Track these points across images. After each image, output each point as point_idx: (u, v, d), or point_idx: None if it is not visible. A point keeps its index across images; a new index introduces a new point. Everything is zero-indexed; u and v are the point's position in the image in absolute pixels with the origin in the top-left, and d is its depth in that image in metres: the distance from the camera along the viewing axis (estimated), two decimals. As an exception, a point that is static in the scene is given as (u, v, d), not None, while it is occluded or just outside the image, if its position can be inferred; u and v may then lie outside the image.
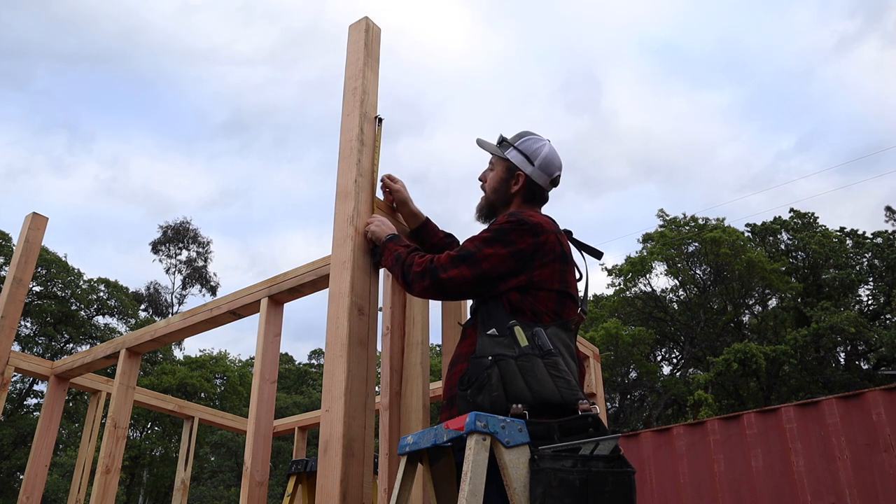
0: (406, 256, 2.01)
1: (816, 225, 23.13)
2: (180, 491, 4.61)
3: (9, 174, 45.84)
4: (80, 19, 51.93)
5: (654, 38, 61.24)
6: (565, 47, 62.32)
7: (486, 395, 1.65)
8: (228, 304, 3.11)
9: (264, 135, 56.66)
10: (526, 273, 1.85)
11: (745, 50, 54.58)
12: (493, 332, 1.78)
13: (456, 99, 70.95)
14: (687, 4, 62.64)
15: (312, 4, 63.81)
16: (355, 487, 1.91)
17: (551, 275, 1.86)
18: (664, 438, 6.81)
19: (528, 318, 1.80)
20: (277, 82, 57.47)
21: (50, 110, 51.36)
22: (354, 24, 2.59)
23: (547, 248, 1.87)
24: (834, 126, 55.91)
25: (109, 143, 52.29)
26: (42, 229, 3.94)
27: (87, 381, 4.24)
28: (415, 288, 1.94)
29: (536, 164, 2.06)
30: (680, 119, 52.19)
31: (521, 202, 2.08)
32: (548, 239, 1.88)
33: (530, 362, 1.68)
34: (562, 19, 62.47)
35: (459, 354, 1.92)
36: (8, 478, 20.71)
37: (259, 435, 2.71)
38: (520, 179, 2.06)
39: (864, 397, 5.83)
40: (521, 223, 1.88)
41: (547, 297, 1.84)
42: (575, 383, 1.71)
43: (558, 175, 2.11)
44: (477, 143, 2.20)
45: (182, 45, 53.63)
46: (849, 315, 18.09)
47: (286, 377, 30.29)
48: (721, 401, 19.31)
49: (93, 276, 24.76)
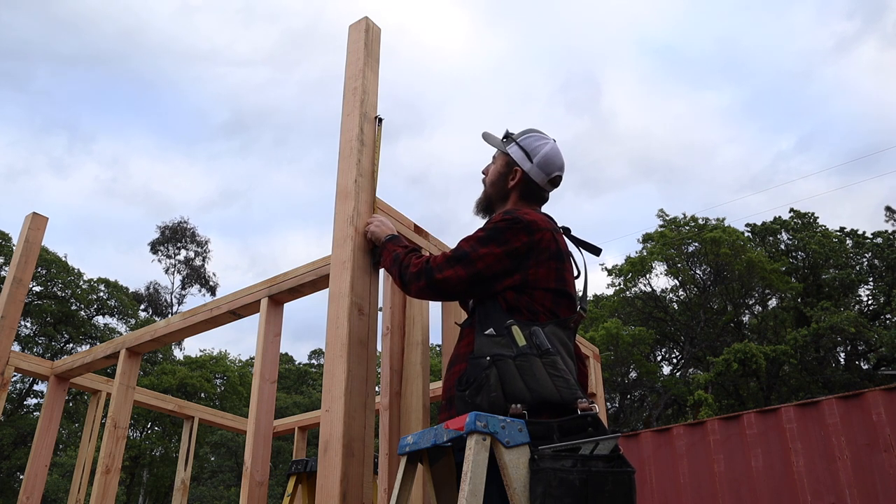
0: (403, 257, 2.01)
1: (816, 225, 23.12)
2: (180, 491, 4.61)
3: (9, 175, 45.93)
4: (80, 20, 52.08)
5: (654, 38, 61.39)
6: (565, 48, 62.42)
7: (485, 396, 1.65)
8: (228, 304, 3.11)
9: (264, 135, 56.78)
10: (521, 272, 1.84)
11: (743, 51, 54.71)
12: (490, 331, 1.78)
13: (456, 99, 70.98)
14: (685, 5, 62.73)
15: (312, 5, 63.95)
16: (355, 487, 1.91)
17: (547, 273, 1.86)
18: (664, 438, 6.81)
19: (525, 316, 1.80)
20: (277, 83, 57.53)
21: (50, 111, 51.50)
22: (354, 24, 2.59)
23: (542, 247, 1.87)
24: (833, 126, 56.02)
25: (109, 143, 52.39)
26: (42, 229, 3.94)
27: (87, 381, 4.24)
28: (411, 288, 1.94)
29: (535, 162, 2.05)
30: (679, 120, 52.27)
31: (517, 199, 2.08)
32: (543, 237, 1.88)
33: (528, 362, 1.68)
34: (561, 20, 62.56)
35: (458, 354, 1.92)
36: (8, 478, 20.71)
37: (259, 435, 2.71)
38: (517, 175, 2.07)
39: (864, 397, 5.83)
40: (516, 221, 1.88)
41: (543, 296, 1.84)
42: (574, 382, 1.71)
43: (558, 175, 2.10)
44: (482, 136, 2.21)
45: (182, 45, 53.71)
46: (849, 315, 18.08)
47: (286, 377, 30.28)
48: (721, 401, 19.31)
49: (93, 276, 24.79)
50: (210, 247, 34.27)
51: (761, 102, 55.78)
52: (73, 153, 51.50)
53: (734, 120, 57.05)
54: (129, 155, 51.31)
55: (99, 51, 50.17)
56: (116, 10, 50.44)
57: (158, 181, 50.70)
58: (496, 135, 2.18)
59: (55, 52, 48.84)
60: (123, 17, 50.10)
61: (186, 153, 58.03)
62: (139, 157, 51.58)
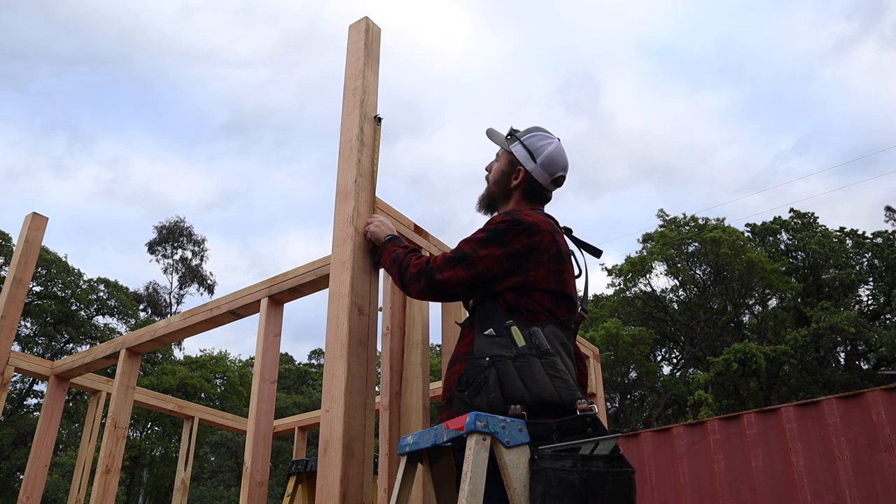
0: (403, 258, 2.01)
1: (816, 225, 23.12)
2: (180, 491, 4.61)
3: (10, 175, 46.02)
4: (80, 21, 52.24)
5: (653, 39, 61.44)
6: (564, 48, 62.45)
7: (484, 397, 1.65)
8: (228, 304, 3.11)
9: (264, 136, 56.84)
10: (521, 274, 1.84)
11: (742, 52, 54.73)
12: (490, 332, 1.78)
13: (455, 100, 71.04)
14: (685, 6, 62.78)
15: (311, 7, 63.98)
16: (355, 487, 1.91)
17: (546, 275, 1.86)
18: (664, 438, 6.81)
19: (525, 317, 1.80)
20: (277, 84, 57.56)
21: (50, 111, 51.58)
22: (354, 24, 2.58)
23: (542, 248, 1.87)
24: (832, 127, 56.08)
25: (109, 144, 52.45)
26: (42, 229, 3.93)
27: (87, 381, 4.24)
28: (411, 289, 1.94)
29: (539, 162, 2.05)
30: (679, 120, 52.33)
31: (520, 198, 2.08)
32: (543, 239, 1.88)
33: (528, 363, 1.68)
34: (560, 21, 62.60)
35: (458, 354, 1.92)
36: (8, 478, 20.71)
37: (259, 435, 2.71)
38: (520, 175, 2.06)
39: (864, 397, 5.83)
40: (517, 223, 1.87)
41: (542, 297, 1.84)
42: (573, 383, 1.70)
43: (561, 175, 2.09)
44: (486, 133, 2.21)
45: (182, 46, 53.79)
46: (849, 315, 18.08)
47: (286, 377, 30.28)
48: (721, 401, 19.30)
49: (93, 276, 24.79)
50: (207, 245, 34.30)
51: (760, 103, 55.87)
52: (73, 154, 51.69)
53: (733, 121, 57.14)
54: (129, 156, 51.49)
55: (99, 51, 50.39)
56: (116, 11, 50.69)
57: (158, 181, 50.82)
58: (501, 132, 2.18)
59: (55, 53, 49.08)
60: (123, 18, 50.35)
61: (186, 154, 58.15)
62: (139, 158, 51.75)
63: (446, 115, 69.53)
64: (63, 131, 52.24)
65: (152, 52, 51.00)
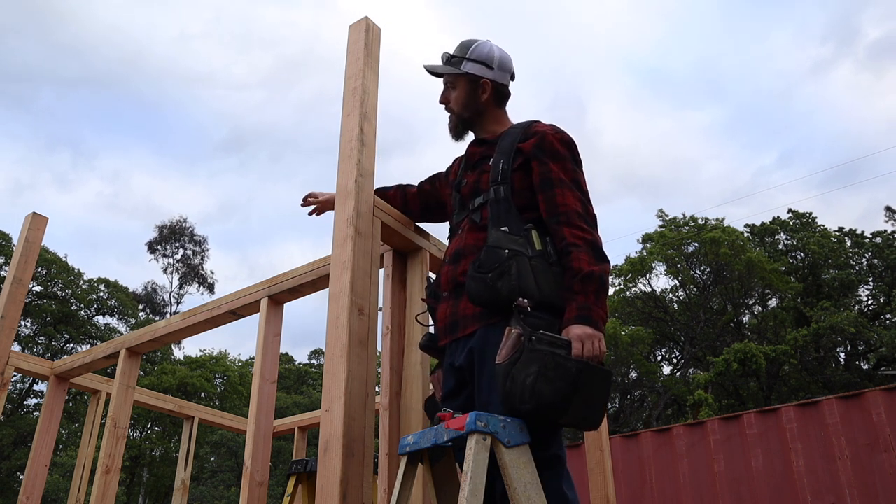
0: (601, 276, 1.79)
1: (815, 225, 23.13)
2: (180, 491, 4.61)
3: (16, 189, 46.96)
4: (82, 46, 53.56)
5: (638, 61, 62.26)
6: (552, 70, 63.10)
7: (507, 283, 1.73)
8: (228, 304, 3.11)
9: (261, 152, 57.58)
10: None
11: (724, 72, 55.72)
12: (506, 229, 1.84)
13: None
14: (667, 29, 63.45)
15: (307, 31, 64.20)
16: (355, 487, 1.90)
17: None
18: (664, 438, 6.80)
19: (539, 227, 1.88)
20: (274, 103, 58.28)
21: (54, 129, 52.61)
22: (354, 24, 2.58)
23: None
24: (813, 143, 57.09)
25: (111, 160, 53.43)
26: (42, 229, 3.93)
27: (87, 381, 4.24)
28: (608, 266, 1.86)
29: (496, 67, 2.14)
30: (664, 137, 52.90)
31: (494, 107, 2.17)
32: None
33: (543, 265, 1.77)
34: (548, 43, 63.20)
35: (466, 246, 1.95)
36: (8, 478, 20.70)
37: (259, 435, 2.71)
38: (487, 87, 2.14)
39: (864, 397, 5.83)
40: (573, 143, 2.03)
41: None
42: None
43: (513, 69, 2.20)
44: (426, 70, 2.24)
45: (181, 69, 54.53)
46: (849, 315, 18.07)
47: (286, 377, 30.27)
48: (721, 401, 19.30)
49: (93, 276, 24.78)
50: (208, 245, 34.28)
51: (742, 121, 56.73)
52: (76, 169, 52.81)
53: (716, 138, 58.02)
54: (131, 171, 52.50)
55: (100, 74, 51.45)
56: (117, 36, 51.80)
57: (159, 195, 51.49)
58: (437, 62, 2.22)
59: (59, 75, 50.43)
60: (124, 43, 51.59)
61: (187, 172, 58.87)
62: (140, 174, 52.81)
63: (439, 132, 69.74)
64: (66, 148, 53.48)
65: (152, 75, 51.86)
